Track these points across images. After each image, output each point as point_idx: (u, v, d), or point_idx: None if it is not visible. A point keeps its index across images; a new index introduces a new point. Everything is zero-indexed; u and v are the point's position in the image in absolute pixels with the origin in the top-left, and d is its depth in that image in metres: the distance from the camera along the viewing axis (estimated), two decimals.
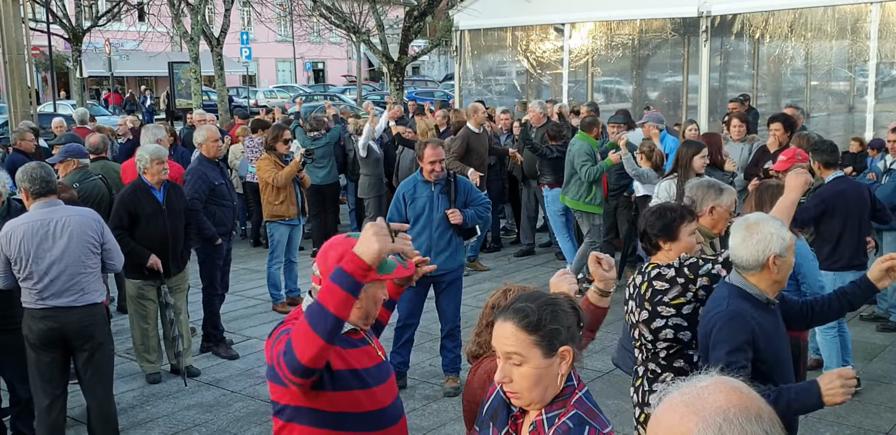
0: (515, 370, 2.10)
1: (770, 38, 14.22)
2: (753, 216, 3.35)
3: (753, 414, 1.42)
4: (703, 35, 13.96)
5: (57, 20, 23.82)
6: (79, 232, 4.69)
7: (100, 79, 38.67)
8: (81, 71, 24.92)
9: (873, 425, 5.38)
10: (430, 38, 25.39)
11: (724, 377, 1.53)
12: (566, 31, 16.00)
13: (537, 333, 2.08)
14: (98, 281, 4.85)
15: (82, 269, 4.69)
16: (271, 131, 8.53)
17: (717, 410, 1.41)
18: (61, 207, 4.79)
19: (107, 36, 29.66)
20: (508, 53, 17.52)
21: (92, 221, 4.80)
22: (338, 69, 53.10)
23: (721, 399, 1.44)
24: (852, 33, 13.30)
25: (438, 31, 22.34)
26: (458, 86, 18.16)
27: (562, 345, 2.10)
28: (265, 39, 42.48)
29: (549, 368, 2.09)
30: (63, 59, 32.39)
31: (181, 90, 23.63)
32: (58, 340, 4.71)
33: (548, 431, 2.10)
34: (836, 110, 15.69)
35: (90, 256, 4.74)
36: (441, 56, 47.82)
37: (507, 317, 2.13)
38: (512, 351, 2.09)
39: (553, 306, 2.14)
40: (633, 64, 17.21)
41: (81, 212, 4.87)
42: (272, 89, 41.07)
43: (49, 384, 4.76)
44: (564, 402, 2.13)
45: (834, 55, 14.47)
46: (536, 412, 2.16)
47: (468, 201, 6.08)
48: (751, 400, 1.45)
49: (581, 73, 16.64)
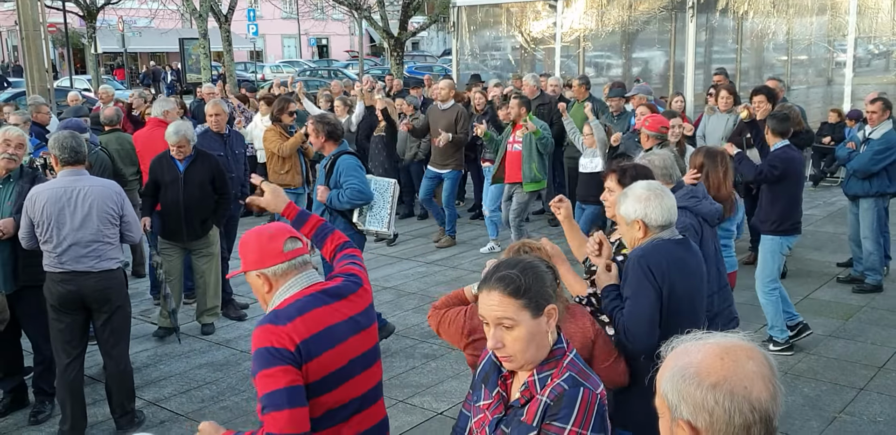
0: (507, 334, 2.07)
1: (753, 14, 14.05)
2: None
3: (710, 381, 1.36)
4: (690, 11, 13.76)
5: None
6: (99, 202, 4.62)
7: (114, 54, 38.26)
8: (96, 47, 24.64)
9: (848, 382, 5.36)
10: (428, 14, 25.06)
11: (734, 339, 1.44)
12: (559, 7, 15.78)
13: (524, 296, 2.06)
14: (116, 249, 4.78)
15: (100, 238, 4.62)
16: (277, 103, 8.39)
17: (680, 367, 1.40)
18: (86, 177, 4.72)
19: (120, 13, 29.25)
20: (504, 29, 17.32)
21: (113, 193, 4.72)
22: (341, 45, 52.57)
23: (694, 358, 1.41)
24: (832, 9, 13.14)
25: (437, 8, 22.08)
26: (455, 60, 17.98)
27: (547, 304, 2.09)
28: (271, 16, 41.98)
29: (539, 327, 2.08)
30: (78, 35, 31.98)
31: (192, 65, 23.38)
32: (76, 303, 4.66)
33: (540, 392, 2.07)
34: (815, 83, 15.54)
35: (108, 226, 4.67)
36: (439, 32, 47.26)
37: (491, 286, 2.09)
38: (502, 316, 2.06)
39: (533, 269, 2.12)
40: (622, 39, 17.00)
41: (104, 183, 4.79)
42: (278, 64, 40.70)
43: (69, 344, 4.71)
44: (556, 363, 2.10)
45: (814, 30, 14.30)
46: (528, 373, 2.12)
47: (339, 183, 5.62)
48: (727, 369, 1.37)
49: (573, 48, 16.45)
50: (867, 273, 7.26)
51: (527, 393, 2.09)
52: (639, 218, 3.14)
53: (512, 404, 2.14)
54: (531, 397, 2.08)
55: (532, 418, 2.05)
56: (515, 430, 2.09)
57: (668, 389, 1.40)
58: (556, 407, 2.02)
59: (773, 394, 1.36)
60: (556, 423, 2.00)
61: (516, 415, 2.11)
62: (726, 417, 1.33)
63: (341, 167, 5.60)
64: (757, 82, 14.71)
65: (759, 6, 13.75)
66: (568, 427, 1.99)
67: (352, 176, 5.55)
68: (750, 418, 1.33)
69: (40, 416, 5.02)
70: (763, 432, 1.35)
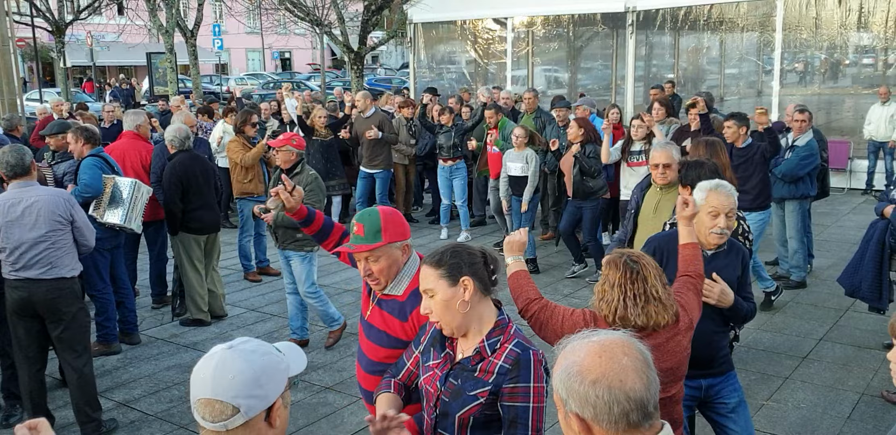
0: (431, 302, 2.35)
1: (689, 30, 14.33)
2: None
3: (591, 377, 1.47)
4: (630, 28, 14.00)
5: (40, 13, 22.97)
6: (47, 210, 4.56)
7: (83, 68, 37.52)
8: (65, 61, 24.12)
9: (775, 371, 5.52)
10: (387, 29, 25.05)
11: (614, 336, 1.55)
12: (509, 24, 15.93)
13: (441, 267, 2.34)
14: (69, 257, 4.69)
15: (50, 244, 4.57)
16: (240, 115, 8.35)
17: (567, 366, 1.51)
18: (34, 188, 4.65)
19: (88, 28, 28.74)
20: (458, 44, 17.41)
21: (62, 201, 4.66)
22: (303, 58, 52.18)
23: (578, 357, 1.51)
24: (760, 26, 13.46)
25: (395, 24, 22.04)
26: (412, 74, 18.03)
27: (462, 276, 2.32)
28: (236, 31, 41.54)
29: (455, 296, 2.32)
30: (47, 50, 31.30)
31: (159, 78, 23.07)
32: (30, 310, 4.59)
33: (492, 355, 2.31)
34: (746, 94, 15.91)
35: (58, 232, 4.61)
36: (398, 46, 47.24)
37: (423, 262, 2.41)
38: (426, 287, 2.36)
39: (456, 248, 2.40)
40: (568, 54, 17.21)
41: (52, 192, 4.73)
42: (243, 77, 40.30)
43: (27, 350, 4.64)
44: (502, 331, 2.35)
45: (745, 45, 14.64)
46: (478, 339, 2.35)
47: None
48: (605, 365, 1.48)
49: (523, 62, 16.59)
50: (792, 270, 7.46)
51: (478, 357, 2.33)
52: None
53: (461, 362, 2.37)
54: (482, 359, 2.32)
55: (489, 377, 2.29)
56: (468, 382, 2.32)
57: (559, 386, 1.52)
58: (515, 370, 2.26)
59: (647, 384, 1.49)
60: (521, 383, 2.25)
61: (465, 370, 2.34)
62: (606, 408, 1.46)
63: (83, 166, 6.03)
64: (693, 94, 15.01)
65: (693, 23, 14.03)
66: (531, 384, 2.25)
67: (84, 173, 5.99)
68: (626, 407, 1.46)
69: (12, 419, 4.94)
70: (640, 416, 1.47)
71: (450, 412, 2.34)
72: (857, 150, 12.43)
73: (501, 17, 15.96)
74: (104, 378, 5.61)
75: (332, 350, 6.08)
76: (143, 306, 7.17)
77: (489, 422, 2.30)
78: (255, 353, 1.64)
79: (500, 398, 2.27)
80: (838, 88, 14.95)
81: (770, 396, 5.10)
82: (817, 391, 5.18)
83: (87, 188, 5.94)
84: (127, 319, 6.34)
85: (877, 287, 5.62)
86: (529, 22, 15.92)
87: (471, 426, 2.32)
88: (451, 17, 16.56)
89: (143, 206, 6.16)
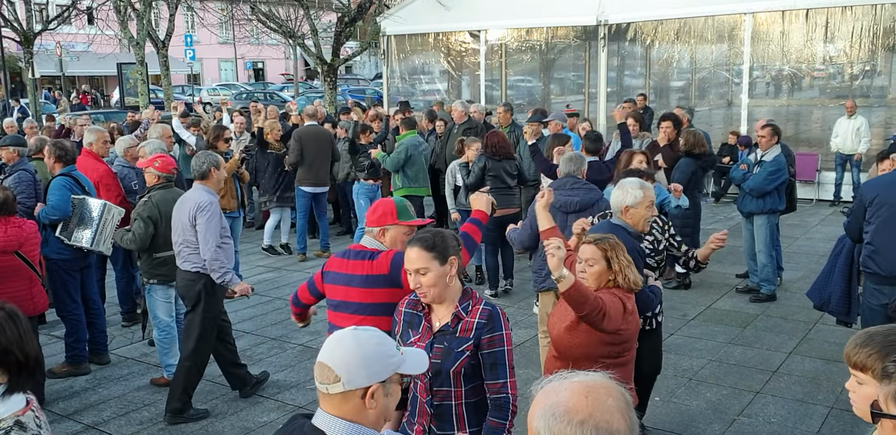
0: (423, 279, 2.86)
1: (659, 43, 14.48)
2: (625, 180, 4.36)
3: (578, 418, 1.46)
4: (602, 41, 14.14)
5: (8, 24, 22.68)
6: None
7: (52, 78, 37.08)
8: (33, 71, 23.81)
9: (746, 386, 5.57)
10: (360, 40, 25.04)
11: (595, 377, 1.54)
12: (482, 36, 16.01)
13: (434, 250, 2.85)
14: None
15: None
16: (212, 131, 8.30)
17: (550, 406, 1.49)
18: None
19: (58, 38, 28.36)
20: (431, 56, 17.44)
21: None
22: (276, 68, 52.03)
23: (562, 397, 1.49)
24: (729, 40, 13.65)
25: (368, 35, 22.06)
26: (385, 85, 18.05)
27: (450, 256, 2.88)
28: (208, 42, 41.33)
29: (444, 271, 2.87)
30: (15, 60, 30.91)
31: (129, 89, 22.88)
32: None
33: (468, 316, 2.88)
34: (716, 105, 16.09)
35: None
36: (372, 56, 47.27)
37: (412, 244, 2.89)
38: (420, 266, 2.85)
39: (441, 233, 2.93)
40: (541, 66, 17.32)
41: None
42: (215, 87, 40.01)
43: None
44: (470, 296, 2.94)
45: (714, 58, 14.82)
46: (451, 306, 2.91)
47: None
48: (592, 406, 1.47)
49: (496, 74, 16.68)
50: (762, 284, 7.55)
51: (455, 320, 2.89)
52: None
53: (442, 329, 2.89)
54: (459, 320, 2.88)
55: (469, 334, 2.86)
56: (454, 342, 2.86)
57: (541, 427, 1.49)
58: (490, 323, 2.86)
59: (630, 425, 1.49)
60: (496, 332, 2.85)
61: (447, 334, 2.88)
62: None
63: (51, 186, 6.02)
64: (664, 105, 15.19)
65: (664, 36, 14.20)
66: (503, 332, 2.86)
67: (53, 194, 5.98)
68: None
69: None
70: None
71: (442, 370, 2.85)
72: (825, 163, 12.64)
73: (474, 30, 16.04)
74: (72, 400, 5.52)
75: (306, 370, 6.03)
76: (114, 324, 7.06)
77: (474, 370, 2.86)
78: (371, 340, 1.91)
79: (479, 348, 2.84)
80: (805, 100, 15.20)
81: (741, 411, 5.15)
82: (788, 405, 5.23)
83: (53, 211, 5.91)
84: (97, 340, 6.25)
85: (846, 301, 5.70)
86: (502, 33, 16.01)
87: (463, 375, 2.86)
88: (424, 30, 16.60)
89: (114, 228, 5.99)
